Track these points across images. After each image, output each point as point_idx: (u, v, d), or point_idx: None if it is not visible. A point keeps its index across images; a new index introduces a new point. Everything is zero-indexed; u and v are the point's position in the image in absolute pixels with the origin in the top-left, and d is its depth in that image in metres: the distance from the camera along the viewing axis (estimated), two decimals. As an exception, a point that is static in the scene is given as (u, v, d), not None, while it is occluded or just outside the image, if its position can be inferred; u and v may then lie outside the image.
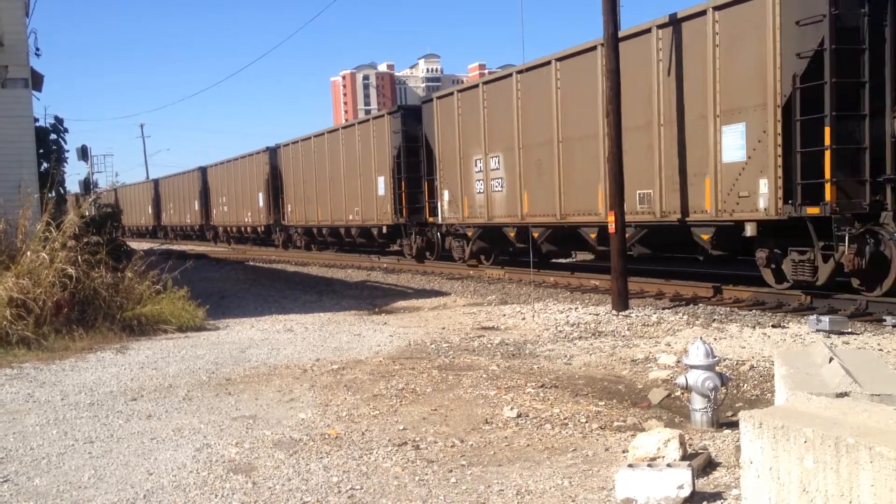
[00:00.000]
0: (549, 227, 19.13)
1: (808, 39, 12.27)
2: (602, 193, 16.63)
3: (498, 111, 20.63)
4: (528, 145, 19.45)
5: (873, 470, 3.67)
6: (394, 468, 6.01)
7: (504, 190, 20.60)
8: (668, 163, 15.33)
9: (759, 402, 7.54)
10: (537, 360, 10.04)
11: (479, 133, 21.52)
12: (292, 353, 11.06)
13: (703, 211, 14.66)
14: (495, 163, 20.87)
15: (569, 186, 18.08)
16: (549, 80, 18.29)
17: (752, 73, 13.38)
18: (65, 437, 7.24)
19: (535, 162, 19.18)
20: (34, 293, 12.15)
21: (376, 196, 27.53)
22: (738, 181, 13.86)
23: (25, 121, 14.76)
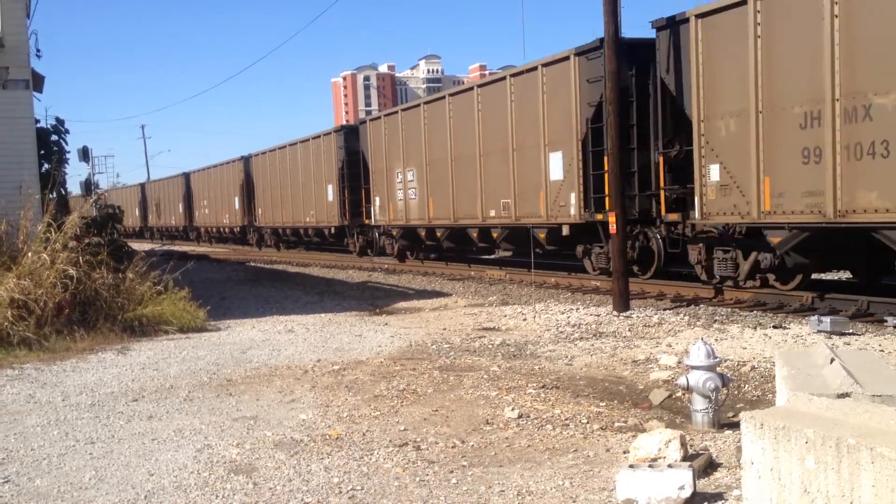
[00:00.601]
0: (447, 227, 23.78)
1: (595, 93, 16.82)
2: (480, 202, 21.42)
3: (412, 133, 25.37)
4: (433, 161, 23.99)
5: (874, 470, 3.67)
6: (395, 469, 6.01)
7: (417, 198, 25.03)
8: (519, 179, 19.86)
9: (761, 403, 7.53)
10: (538, 360, 10.04)
11: (399, 150, 26.05)
12: (293, 354, 11.07)
13: (539, 216, 19.14)
14: (411, 175, 25.27)
15: (460, 196, 22.56)
16: (444, 110, 23.26)
17: (565, 115, 17.89)
18: (66, 438, 7.24)
19: (437, 175, 23.71)
20: (35, 294, 12.15)
21: (327, 201, 32.13)
22: (559, 194, 18.37)
23: (26, 122, 14.76)
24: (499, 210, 20.65)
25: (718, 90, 13.94)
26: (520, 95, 19.55)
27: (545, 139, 18.62)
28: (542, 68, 18.56)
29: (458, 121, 22.46)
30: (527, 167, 19.40)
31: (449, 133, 22.79)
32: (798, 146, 12.41)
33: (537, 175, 18.93)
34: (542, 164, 18.68)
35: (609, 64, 14.17)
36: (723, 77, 13.83)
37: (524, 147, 19.48)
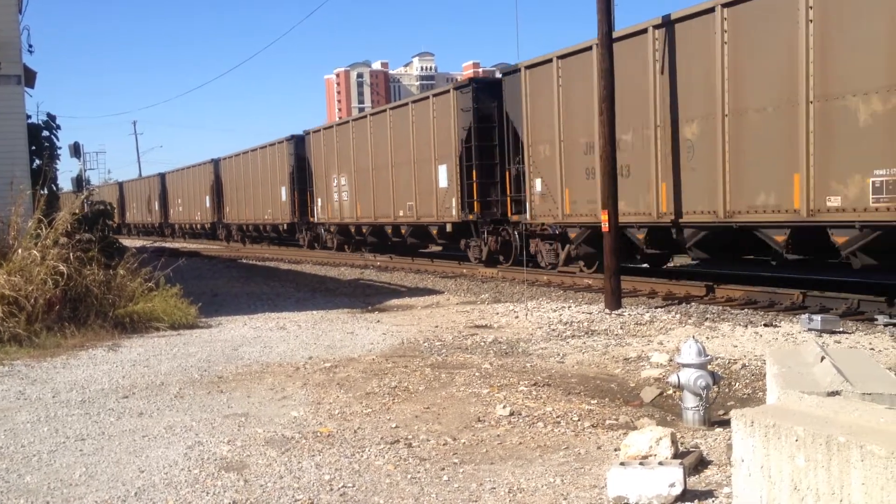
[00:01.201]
0: (370, 224, 28.73)
1: (466, 119, 22.05)
2: (393, 204, 26.57)
3: (344, 145, 30.29)
4: (359, 169, 29.15)
5: (864, 468, 3.68)
6: (386, 466, 6.01)
7: (348, 200, 30.22)
8: (418, 186, 24.85)
9: (751, 401, 7.55)
10: (530, 358, 10.04)
11: (334, 159, 31.21)
12: (285, 351, 11.05)
13: (433, 216, 24.06)
14: (344, 181, 30.52)
15: (378, 199, 27.70)
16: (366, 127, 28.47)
17: (448, 135, 22.95)
18: (56, 435, 7.22)
19: (363, 181, 28.82)
20: (26, 290, 12.10)
21: (281, 201, 36.55)
22: (444, 199, 23.35)
23: (18, 117, 14.70)
24: (406, 211, 25.86)
25: (539, 123, 19.00)
26: (418, 118, 24.75)
27: (435, 154, 23.69)
28: (432, 98, 24.22)
29: (376, 137, 27.58)
30: (423, 177, 24.44)
31: (370, 147, 27.93)
32: (583, 167, 17.45)
33: (430, 183, 24.00)
34: (433, 175, 23.79)
35: (603, 62, 14.17)
36: (541, 113, 18.83)
37: (421, 160, 24.57)
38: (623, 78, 15.04)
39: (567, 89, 17.75)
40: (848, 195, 11.84)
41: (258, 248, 39.13)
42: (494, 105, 21.40)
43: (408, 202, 25.49)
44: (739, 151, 13.67)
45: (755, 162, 13.38)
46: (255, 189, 39.51)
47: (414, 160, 24.80)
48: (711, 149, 14.14)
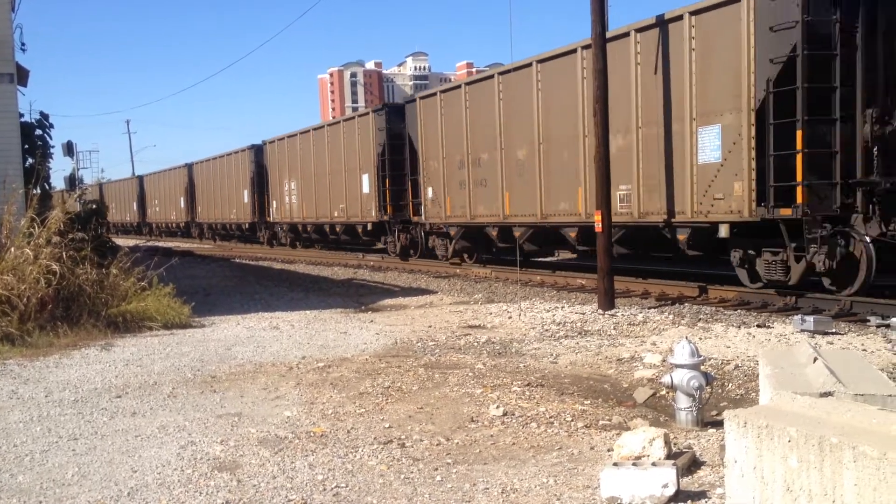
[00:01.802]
0: (313, 223, 33.19)
1: (381, 137, 26.86)
2: (329, 206, 30.90)
3: (293, 154, 34.47)
4: (305, 176, 33.14)
5: (857, 469, 3.70)
6: (379, 466, 6.00)
7: (297, 202, 34.26)
8: (348, 192, 29.19)
9: (744, 402, 7.57)
10: (523, 358, 10.05)
11: (286, 167, 35.16)
12: (278, 351, 11.04)
13: (358, 217, 28.81)
14: (294, 185, 34.45)
15: (319, 201, 31.86)
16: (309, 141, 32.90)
17: (369, 150, 27.43)
18: (48, 434, 7.20)
19: (308, 185, 32.86)
20: (18, 289, 12.07)
21: (243, 203, 40.73)
22: (367, 203, 27.89)
23: (10, 116, 14.66)
24: (339, 212, 30.11)
25: (429, 143, 23.75)
26: (347, 135, 29.06)
27: (360, 165, 28.02)
28: (357, 118, 28.74)
29: (318, 148, 31.93)
30: (352, 184, 28.76)
31: (313, 157, 32.21)
32: (458, 179, 22.25)
33: (357, 189, 28.33)
34: (359, 182, 28.03)
35: (596, 62, 14.19)
36: (431, 135, 23.61)
37: (350, 170, 28.88)
38: (478, 112, 21.13)
39: (447, 116, 22.69)
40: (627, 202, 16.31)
41: (229, 244, 43.77)
42: (403, 126, 25.80)
43: (340, 205, 30.07)
44: (549, 171, 18.54)
45: (558, 178, 18.20)
46: (223, 192, 43.58)
47: (345, 169, 29.40)
48: (533, 168, 19.03)
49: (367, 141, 27.44)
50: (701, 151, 14.39)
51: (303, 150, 33.26)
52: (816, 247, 12.68)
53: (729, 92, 13.73)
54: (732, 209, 13.81)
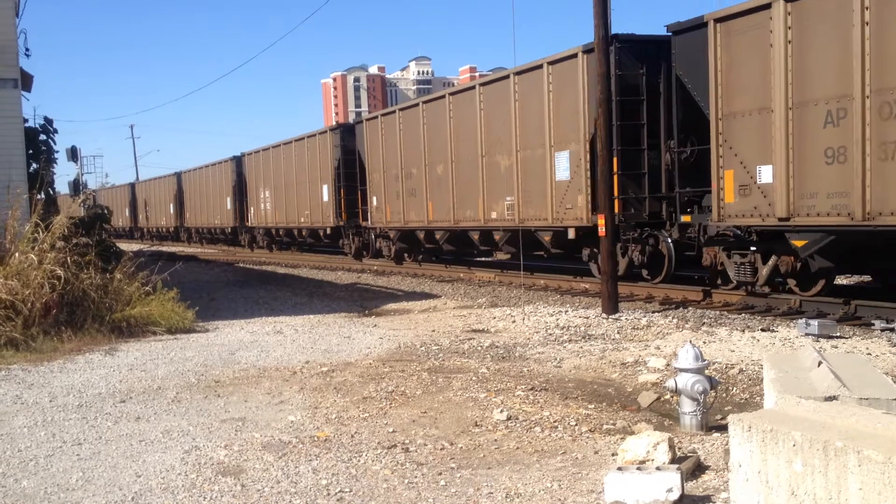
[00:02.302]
0: (283, 228, 36.81)
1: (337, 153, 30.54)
2: (297, 212, 34.36)
3: (267, 167, 38.10)
4: (276, 186, 36.98)
5: (861, 474, 3.69)
6: (383, 471, 6.00)
7: (272, 208, 37.80)
8: (311, 199, 32.65)
9: (749, 406, 7.56)
10: (527, 362, 10.04)
11: (261, 177, 39.02)
12: (282, 356, 11.04)
13: (319, 222, 32.27)
14: (269, 194, 38.05)
15: (289, 207, 35.29)
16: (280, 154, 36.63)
17: (327, 163, 31.12)
18: (53, 439, 7.21)
19: (279, 194, 36.46)
20: (23, 294, 12.09)
21: (226, 209, 44.19)
22: (326, 209, 31.31)
23: (15, 121, 14.69)
24: (304, 217, 33.61)
25: (372, 159, 27.52)
26: (310, 150, 32.70)
27: (320, 176, 31.63)
28: (318, 136, 32.23)
29: (287, 161, 35.39)
30: (314, 192, 32.19)
31: (282, 168, 35.90)
32: (394, 190, 25.87)
33: (318, 197, 31.78)
34: (320, 191, 31.67)
35: (600, 66, 14.20)
36: (373, 152, 27.40)
37: (313, 180, 32.35)
38: (408, 133, 24.98)
39: (386, 136, 26.40)
40: (497, 211, 20.61)
41: (213, 247, 47.41)
42: (354, 143, 29.42)
43: (305, 211, 33.60)
44: (460, 184, 22.28)
45: (466, 190, 21.96)
46: (208, 199, 47.38)
47: (308, 180, 32.97)
48: (448, 181, 22.76)
49: (326, 156, 31.07)
50: (557, 171, 18.30)
51: (275, 162, 37.04)
52: (631, 245, 16.97)
53: (573, 126, 17.65)
54: (577, 217, 17.65)
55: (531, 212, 19.18)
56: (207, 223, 47.78)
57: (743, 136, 13.57)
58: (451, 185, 22.53)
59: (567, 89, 17.65)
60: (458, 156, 22.21)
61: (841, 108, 11.89)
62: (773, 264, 13.88)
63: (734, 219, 13.91)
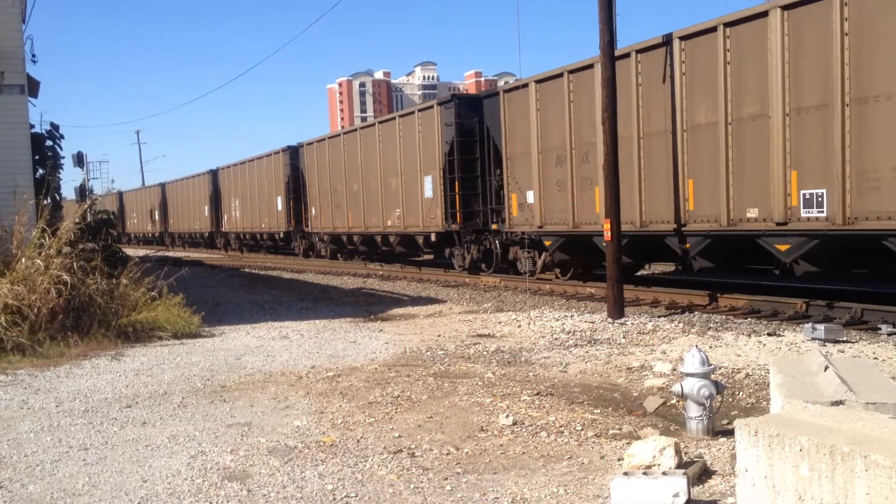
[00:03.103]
0: (248, 232, 42.51)
1: (286, 171, 36.21)
2: (259, 219, 40.37)
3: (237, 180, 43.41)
4: (243, 196, 42.55)
5: (868, 478, 3.68)
6: (389, 476, 6.00)
7: (240, 216, 43.16)
8: (268, 209, 38.69)
9: (755, 411, 7.54)
10: (533, 367, 10.03)
11: (232, 189, 44.24)
12: (288, 360, 11.05)
13: (275, 227, 38.61)
14: (238, 203, 43.41)
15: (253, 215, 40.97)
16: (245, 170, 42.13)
17: (280, 180, 36.95)
18: (59, 444, 7.22)
19: (246, 203, 41.91)
20: (29, 299, 12.12)
21: (204, 216, 49.15)
22: (279, 216, 37.56)
23: (21, 127, 14.73)
24: (264, 223, 39.61)
25: (312, 178, 33.62)
26: (268, 167, 38.52)
27: (276, 189, 37.38)
28: (273, 156, 37.95)
29: (250, 176, 41.17)
30: (271, 203, 38.18)
31: (247, 181, 41.55)
32: (334, 202, 31.41)
33: (274, 207, 37.85)
34: (275, 202, 37.62)
35: (604, 71, 14.20)
36: (311, 173, 33.68)
37: (270, 192, 38.20)
38: (334, 157, 31.35)
39: (320, 159, 32.79)
40: (392, 220, 26.91)
41: (195, 250, 51.95)
42: (298, 163, 35.64)
43: (265, 218, 39.17)
44: (368, 199, 28.50)
45: (372, 204, 28.16)
46: (189, 207, 52.52)
47: (266, 192, 38.67)
48: (360, 197, 29.18)
49: (279, 173, 37.22)
50: (425, 191, 24.44)
51: (242, 176, 42.77)
52: (473, 246, 23.20)
53: (433, 157, 23.79)
54: (437, 224, 23.89)
55: (411, 220, 25.58)
56: (188, 229, 53.19)
57: (519, 170, 20.29)
58: (363, 200, 28.86)
59: (429, 131, 24.10)
60: (367, 177, 28.51)
61: (562, 154, 18.40)
62: (543, 258, 20.29)
63: (517, 227, 20.61)
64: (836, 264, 13.73)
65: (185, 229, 53.93)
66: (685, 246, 15.22)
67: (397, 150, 25.82)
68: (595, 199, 17.19)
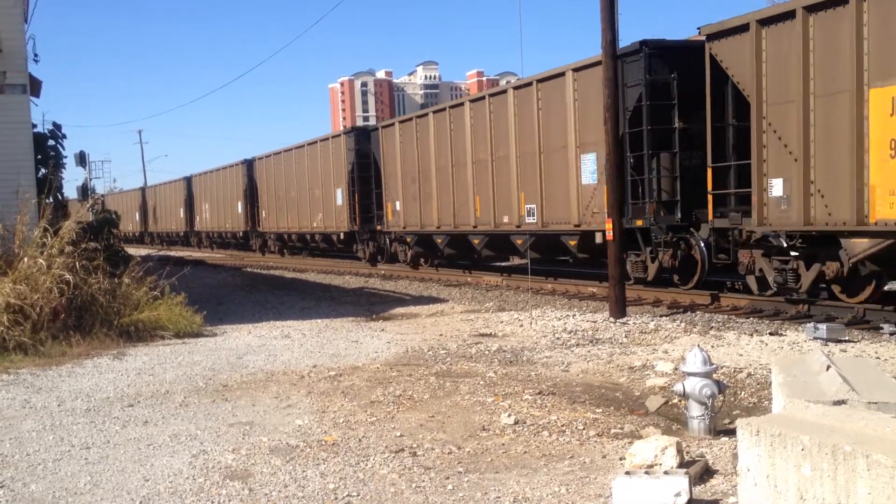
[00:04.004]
0: (216, 232, 47.45)
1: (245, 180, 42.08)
2: (226, 220, 44.97)
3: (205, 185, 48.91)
4: (210, 199, 47.51)
5: (870, 478, 3.67)
6: (391, 475, 6.00)
7: (210, 215, 47.92)
8: (231, 211, 43.72)
9: (757, 410, 7.54)
10: (535, 367, 10.03)
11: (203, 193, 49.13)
12: (289, 360, 11.06)
13: (234, 227, 43.76)
14: (207, 206, 48.14)
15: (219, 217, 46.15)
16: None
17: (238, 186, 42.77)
18: (61, 443, 7.23)
19: (213, 207, 46.87)
20: (31, 299, 12.13)
21: (179, 217, 53.94)
22: (239, 218, 42.92)
23: (23, 127, 14.74)
24: (229, 223, 44.38)
25: (263, 185, 39.26)
26: (231, 176, 43.77)
27: (237, 195, 42.31)
28: (235, 167, 43.10)
29: (216, 184, 46.14)
30: (233, 207, 43.04)
31: (214, 189, 46.62)
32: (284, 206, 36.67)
33: (235, 209, 42.78)
34: (236, 206, 42.58)
35: (606, 71, 14.19)
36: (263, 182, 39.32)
37: (233, 198, 43.12)
38: (288, 167, 35.67)
39: (269, 172, 38.19)
40: (316, 222, 32.26)
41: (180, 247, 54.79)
42: (252, 174, 40.51)
43: (229, 219, 44.18)
44: (301, 204, 33.56)
45: (305, 209, 33.26)
46: (168, 209, 57.21)
47: (230, 198, 43.53)
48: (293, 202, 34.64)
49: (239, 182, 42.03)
50: (337, 199, 30.80)
51: (207, 184, 47.74)
52: (368, 242, 28.21)
53: (342, 174, 30.10)
54: (345, 226, 30.24)
55: (329, 222, 31.43)
56: (167, 228, 57.62)
57: (391, 186, 26.58)
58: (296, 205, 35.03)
59: (338, 154, 30.16)
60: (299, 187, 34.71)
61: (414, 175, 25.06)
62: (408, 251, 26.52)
63: (391, 228, 26.98)
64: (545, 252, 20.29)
65: (164, 229, 58.97)
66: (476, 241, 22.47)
67: (318, 167, 32.12)
68: (433, 208, 23.80)
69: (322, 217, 31.90)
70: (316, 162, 32.32)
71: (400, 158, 25.82)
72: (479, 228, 21.72)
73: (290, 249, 38.32)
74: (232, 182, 43.36)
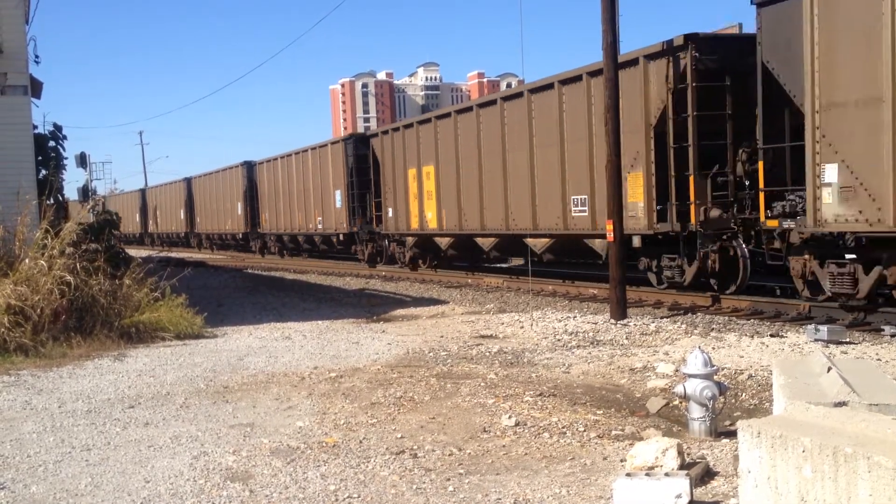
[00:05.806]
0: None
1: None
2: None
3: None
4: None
5: (871, 479, 3.67)
6: (391, 476, 6.00)
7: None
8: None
9: (758, 412, 7.53)
10: (535, 368, 10.03)
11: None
12: (290, 361, 11.05)
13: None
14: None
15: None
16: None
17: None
18: (62, 445, 7.23)
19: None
20: (32, 300, 12.13)
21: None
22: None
23: (24, 128, 14.74)
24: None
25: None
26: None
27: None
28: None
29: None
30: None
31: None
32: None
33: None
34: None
35: (607, 72, 14.19)
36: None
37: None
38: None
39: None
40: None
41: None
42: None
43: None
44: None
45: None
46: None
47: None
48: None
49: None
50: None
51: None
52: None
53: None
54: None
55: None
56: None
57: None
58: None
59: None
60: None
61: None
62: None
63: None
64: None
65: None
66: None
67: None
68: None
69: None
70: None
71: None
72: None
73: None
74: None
